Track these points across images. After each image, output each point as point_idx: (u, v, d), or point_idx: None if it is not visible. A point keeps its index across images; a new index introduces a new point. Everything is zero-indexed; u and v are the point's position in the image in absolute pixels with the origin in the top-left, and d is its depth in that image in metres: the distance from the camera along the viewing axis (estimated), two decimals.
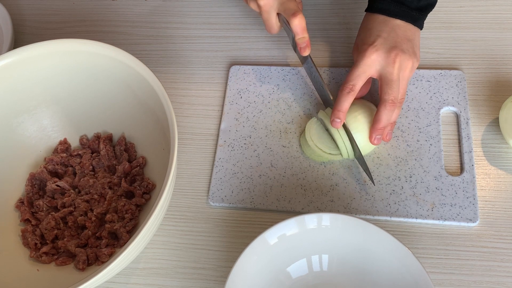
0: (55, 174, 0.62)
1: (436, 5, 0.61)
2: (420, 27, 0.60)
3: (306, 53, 0.59)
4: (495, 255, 0.54)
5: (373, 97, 0.63)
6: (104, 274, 0.45)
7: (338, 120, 0.56)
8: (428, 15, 0.61)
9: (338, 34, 0.71)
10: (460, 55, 0.67)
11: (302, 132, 0.63)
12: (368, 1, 0.62)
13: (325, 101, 0.63)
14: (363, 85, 0.58)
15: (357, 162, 0.59)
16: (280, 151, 0.62)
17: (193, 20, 0.76)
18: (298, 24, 0.57)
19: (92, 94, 0.61)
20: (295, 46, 0.61)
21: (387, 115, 0.56)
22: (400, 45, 0.56)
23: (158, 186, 0.58)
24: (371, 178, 0.57)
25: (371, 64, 0.56)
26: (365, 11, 0.62)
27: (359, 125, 0.57)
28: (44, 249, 0.56)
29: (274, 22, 0.60)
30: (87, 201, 0.59)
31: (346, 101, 0.56)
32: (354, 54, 0.61)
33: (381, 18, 0.59)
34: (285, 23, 0.59)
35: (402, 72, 0.56)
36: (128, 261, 0.50)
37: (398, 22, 0.58)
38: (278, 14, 0.59)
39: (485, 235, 0.55)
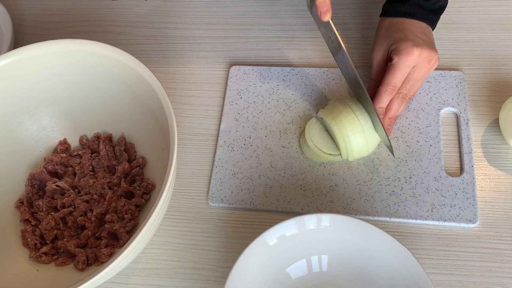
0: (55, 174, 0.62)
1: None
2: (433, 29, 0.61)
3: (326, 18, 0.54)
4: (495, 256, 0.54)
5: None
6: (103, 274, 0.45)
7: (381, 117, 0.57)
8: None
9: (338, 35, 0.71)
10: (460, 55, 0.67)
11: (302, 133, 0.63)
12: (385, 6, 0.62)
13: (355, 84, 0.59)
14: (375, 87, 0.60)
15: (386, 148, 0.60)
16: (280, 151, 0.62)
17: (193, 20, 0.76)
18: None
19: (92, 94, 0.61)
20: (312, 7, 0.56)
21: (399, 106, 0.57)
22: (433, 46, 0.58)
23: (158, 186, 0.58)
24: (391, 151, 0.58)
25: (411, 64, 0.56)
26: (385, 15, 0.62)
27: (357, 126, 0.57)
28: (44, 249, 0.56)
29: None
30: (87, 201, 0.59)
31: (387, 100, 0.57)
32: (374, 55, 0.61)
33: (407, 20, 0.59)
34: None
35: (427, 73, 0.57)
36: (128, 262, 0.50)
37: (423, 24, 0.59)
38: None
39: (484, 236, 0.55)
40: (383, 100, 0.57)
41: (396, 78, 0.56)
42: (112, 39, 0.76)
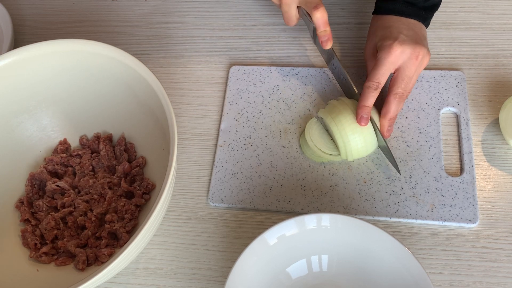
0: (55, 174, 0.62)
1: None
2: (427, 26, 0.61)
3: (328, 46, 0.58)
4: (495, 256, 0.54)
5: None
6: (103, 274, 0.45)
7: (366, 116, 0.56)
8: None
9: (338, 34, 0.71)
10: (460, 55, 0.67)
11: (302, 133, 0.63)
12: (377, 3, 0.62)
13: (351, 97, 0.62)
14: None
15: (383, 153, 0.59)
16: (280, 151, 0.62)
17: (193, 20, 0.76)
18: (320, 17, 0.56)
19: (92, 94, 0.61)
20: (315, 37, 0.60)
21: (397, 106, 0.57)
22: (420, 41, 0.57)
23: (158, 186, 0.58)
24: (396, 168, 0.57)
25: (395, 61, 0.56)
26: (376, 13, 0.62)
27: (357, 126, 0.57)
28: (44, 249, 0.56)
29: (293, 14, 0.59)
30: (87, 201, 0.59)
31: (372, 97, 0.56)
32: (365, 54, 0.61)
33: (395, 17, 0.59)
34: (305, 15, 0.58)
35: (419, 68, 0.57)
36: (128, 262, 0.50)
37: (412, 21, 0.59)
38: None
39: (485, 236, 0.55)
40: (368, 98, 0.56)
41: (377, 74, 0.56)
42: (112, 39, 0.76)
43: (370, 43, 0.61)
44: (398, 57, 0.56)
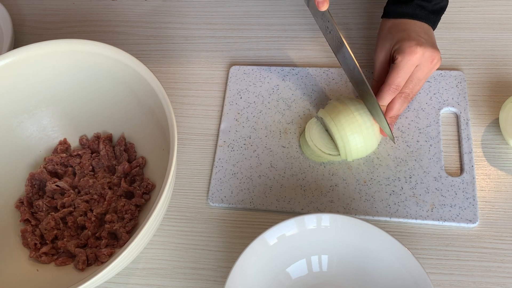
0: (55, 174, 0.62)
1: None
2: (434, 29, 0.62)
3: (324, 7, 0.53)
4: (495, 256, 0.54)
5: None
6: (103, 274, 0.45)
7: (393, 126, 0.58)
8: None
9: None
10: (460, 55, 0.67)
11: (302, 133, 0.63)
12: (387, 7, 0.62)
13: (356, 78, 0.58)
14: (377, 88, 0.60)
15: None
16: (280, 151, 0.62)
17: (193, 20, 0.76)
18: None
19: (92, 94, 0.61)
20: (308, 1, 0.57)
21: (401, 105, 0.58)
22: (435, 46, 0.58)
23: (158, 186, 0.58)
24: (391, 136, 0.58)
25: (414, 63, 0.56)
26: (387, 16, 0.62)
27: (356, 126, 0.56)
28: (44, 249, 0.56)
29: None
30: (87, 201, 0.59)
31: (390, 97, 0.57)
32: (376, 56, 0.61)
33: (409, 21, 0.60)
34: None
35: (430, 72, 0.58)
36: (128, 262, 0.50)
37: (425, 25, 0.60)
38: None
39: (484, 236, 0.55)
40: (385, 99, 0.57)
41: (399, 77, 0.56)
42: (112, 39, 0.76)
43: (382, 46, 0.60)
44: (419, 59, 0.56)
